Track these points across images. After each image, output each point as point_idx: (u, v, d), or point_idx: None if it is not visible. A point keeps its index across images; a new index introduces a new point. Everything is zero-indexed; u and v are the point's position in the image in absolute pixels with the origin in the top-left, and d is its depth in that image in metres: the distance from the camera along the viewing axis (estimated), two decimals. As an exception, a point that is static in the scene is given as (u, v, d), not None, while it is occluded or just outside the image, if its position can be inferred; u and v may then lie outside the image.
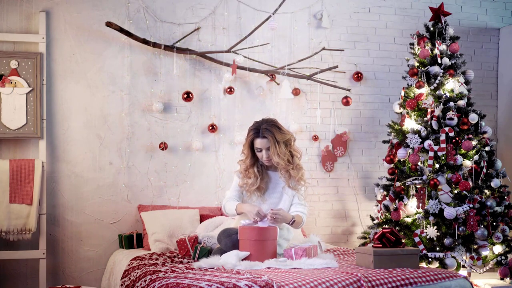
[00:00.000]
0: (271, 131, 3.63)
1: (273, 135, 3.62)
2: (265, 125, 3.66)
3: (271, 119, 3.75)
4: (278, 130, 3.65)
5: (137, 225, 4.44)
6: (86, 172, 4.39)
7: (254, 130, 3.68)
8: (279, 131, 3.65)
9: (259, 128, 3.66)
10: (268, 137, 3.62)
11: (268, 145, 3.64)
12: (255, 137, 3.67)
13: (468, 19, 5.27)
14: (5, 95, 4.14)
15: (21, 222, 4.04)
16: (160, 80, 4.53)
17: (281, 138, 3.64)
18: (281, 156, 3.63)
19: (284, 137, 3.66)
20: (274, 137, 3.62)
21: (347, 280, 2.92)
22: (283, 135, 3.66)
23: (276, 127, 3.66)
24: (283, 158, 3.64)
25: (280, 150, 3.63)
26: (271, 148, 3.63)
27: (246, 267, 3.20)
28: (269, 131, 3.63)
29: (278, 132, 3.64)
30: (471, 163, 4.28)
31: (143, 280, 3.09)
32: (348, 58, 4.96)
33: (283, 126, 3.73)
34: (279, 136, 3.63)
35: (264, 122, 3.69)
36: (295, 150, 3.74)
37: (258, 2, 4.73)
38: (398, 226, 4.31)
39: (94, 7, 4.42)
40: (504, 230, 4.22)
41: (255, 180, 3.71)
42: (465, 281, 3.16)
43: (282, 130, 3.67)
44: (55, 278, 4.30)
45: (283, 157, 3.64)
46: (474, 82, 4.75)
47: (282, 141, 3.64)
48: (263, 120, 3.72)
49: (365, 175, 5.01)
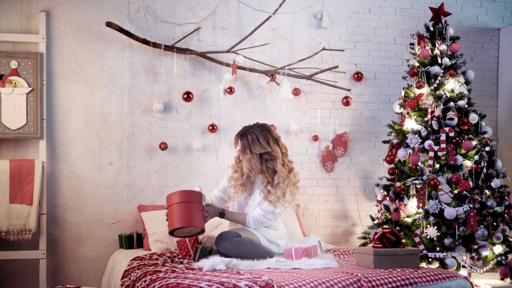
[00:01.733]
0: (248, 138, 3.60)
1: (248, 143, 3.59)
2: (251, 130, 3.64)
3: (262, 127, 3.67)
4: (255, 140, 3.57)
5: (137, 225, 4.44)
6: (86, 172, 4.39)
7: (243, 128, 3.69)
8: (256, 142, 3.57)
9: (245, 130, 3.66)
10: (242, 142, 3.63)
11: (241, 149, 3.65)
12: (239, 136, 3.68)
13: (468, 19, 5.27)
14: (5, 95, 4.14)
15: (21, 222, 4.04)
16: (160, 80, 4.53)
17: (256, 150, 3.58)
18: (249, 166, 3.60)
19: (258, 149, 3.58)
20: (248, 145, 3.58)
21: (347, 280, 2.92)
22: (259, 147, 3.58)
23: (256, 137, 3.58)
24: (250, 169, 3.61)
25: (250, 158, 3.58)
26: (242, 154, 3.64)
27: (246, 267, 3.21)
28: (246, 138, 3.61)
29: (254, 142, 3.58)
30: (471, 163, 4.28)
31: (143, 280, 3.09)
32: (348, 58, 4.96)
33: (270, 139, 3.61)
34: (253, 146, 3.58)
35: (254, 127, 3.66)
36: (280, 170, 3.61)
37: (258, 2, 4.73)
38: (398, 226, 4.30)
39: (94, 7, 4.42)
40: (504, 230, 4.22)
41: (240, 175, 3.71)
42: (465, 281, 3.16)
43: (259, 143, 3.58)
44: (55, 278, 4.30)
45: (252, 168, 3.61)
46: (474, 82, 4.75)
47: (256, 153, 3.59)
48: (256, 125, 3.69)
49: (365, 175, 5.01)
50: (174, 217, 3.43)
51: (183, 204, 3.43)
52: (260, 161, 3.61)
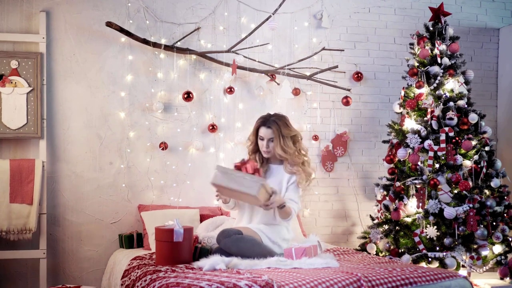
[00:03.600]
0: (277, 123, 3.72)
1: (279, 128, 3.72)
2: (274, 117, 3.77)
3: (282, 115, 3.84)
4: (284, 124, 3.74)
5: (138, 225, 4.44)
6: (86, 172, 4.39)
7: (262, 118, 3.80)
8: (285, 126, 3.74)
9: (267, 118, 3.77)
10: (273, 128, 3.72)
11: (271, 136, 3.73)
12: (261, 125, 3.77)
13: (468, 19, 5.27)
14: (6, 95, 4.14)
15: (21, 222, 4.04)
16: (160, 80, 4.53)
17: (286, 133, 3.73)
18: (286, 150, 3.72)
19: (289, 132, 3.75)
20: (280, 129, 3.72)
21: (347, 280, 2.92)
22: (289, 130, 3.75)
23: (284, 122, 3.75)
24: (288, 152, 3.72)
25: (284, 143, 3.72)
26: (275, 140, 3.73)
27: (246, 267, 3.21)
28: (275, 123, 3.73)
29: (284, 126, 3.74)
30: (471, 163, 4.28)
31: (143, 280, 3.09)
32: (348, 58, 4.97)
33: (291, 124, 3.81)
34: (285, 130, 3.73)
35: (274, 115, 3.80)
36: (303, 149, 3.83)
37: (258, 2, 4.74)
38: (398, 226, 4.31)
39: (94, 7, 4.42)
40: (504, 230, 4.22)
41: None
42: (465, 281, 3.16)
43: (289, 126, 3.76)
44: (55, 278, 4.31)
45: (288, 151, 3.73)
46: (474, 82, 4.76)
47: (288, 136, 3.74)
48: (274, 114, 3.83)
49: (365, 175, 5.01)
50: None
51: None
52: (293, 144, 3.75)
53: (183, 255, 3.40)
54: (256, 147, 3.83)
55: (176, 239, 3.37)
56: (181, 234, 3.38)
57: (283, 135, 3.72)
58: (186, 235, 3.40)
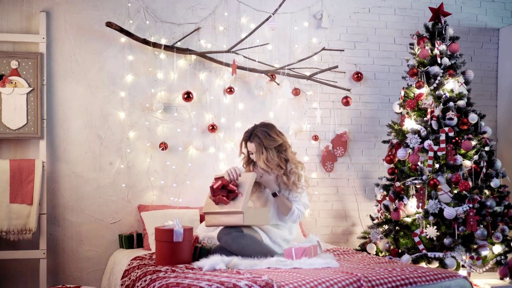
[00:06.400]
0: (259, 137, 3.72)
1: (261, 141, 3.71)
2: (257, 130, 3.75)
3: (266, 124, 3.81)
4: (267, 136, 3.71)
5: (138, 225, 4.44)
6: (86, 172, 4.39)
7: (247, 133, 3.80)
8: (268, 137, 3.71)
9: (251, 132, 3.77)
10: (254, 142, 3.72)
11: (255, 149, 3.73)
12: (246, 140, 3.79)
13: (468, 19, 5.27)
14: (6, 95, 4.15)
15: (21, 222, 4.04)
16: (160, 80, 4.53)
17: (269, 145, 3.71)
18: (267, 163, 3.71)
19: (272, 143, 3.72)
20: (262, 143, 3.70)
21: (347, 280, 2.93)
22: (272, 141, 3.72)
23: (266, 133, 3.72)
24: (268, 165, 3.71)
25: (266, 156, 3.70)
26: (256, 154, 3.73)
27: (246, 267, 3.21)
28: (257, 137, 3.72)
29: (266, 138, 3.71)
30: (471, 163, 4.28)
31: (143, 280, 3.09)
32: (348, 58, 4.97)
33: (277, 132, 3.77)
34: (267, 142, 3.71)
35: (259, 127, 3.78)
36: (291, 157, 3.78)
37: (258, 2, 4.74)
38: (398, 226, 4.31)
39: (94, 7, 4.43)
40: (504, 230, 4.22)
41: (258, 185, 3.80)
42: (464, 281, 3.17)
43: (272, 137, 3.72)
44: (55, 278, 4.31)
45: (270, 163, 3.71)
46: (474, 82, 4.76)
47: (270, 148, 3.71)
48: (260, 124, 3.81)
49: (365, 175, 5.01)
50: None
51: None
52: (277, 155, 3.73)
53: (183, 255, 3.40)
54: (249, 159, 3.86)
55: (176, 239, 3.38)
56: (181, 234, 3.38)
57: (265, 147, 3.70)
58: (186, 235, 3.41)
